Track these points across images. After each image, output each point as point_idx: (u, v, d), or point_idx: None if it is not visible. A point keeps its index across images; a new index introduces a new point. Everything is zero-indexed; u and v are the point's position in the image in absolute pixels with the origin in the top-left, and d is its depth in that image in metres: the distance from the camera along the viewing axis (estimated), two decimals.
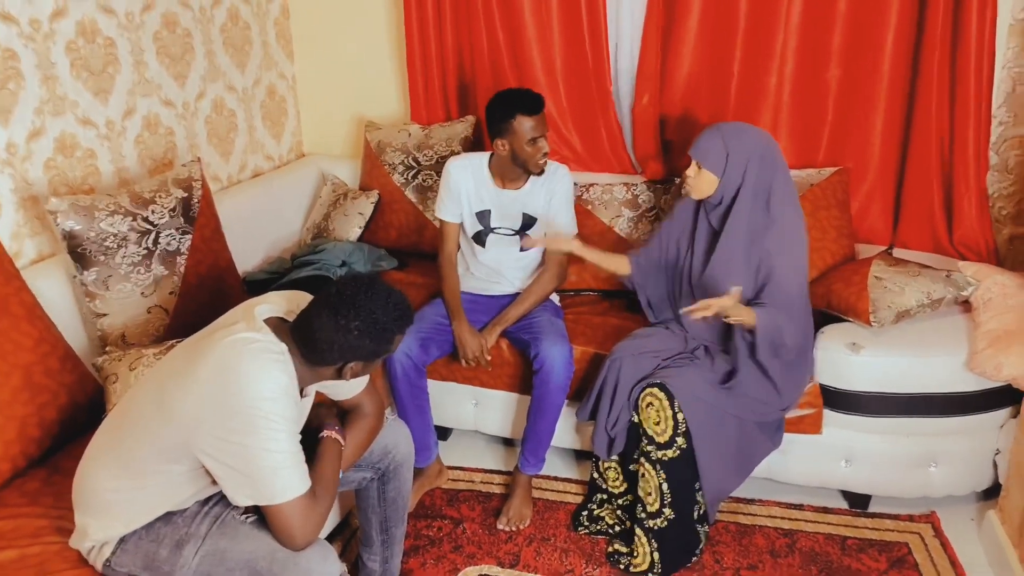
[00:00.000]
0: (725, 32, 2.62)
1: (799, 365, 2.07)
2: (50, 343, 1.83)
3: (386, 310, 1.41)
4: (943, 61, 2.40)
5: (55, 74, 2.14)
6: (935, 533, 2.16)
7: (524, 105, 2.18)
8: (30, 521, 1.61)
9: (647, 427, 1.98)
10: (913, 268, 2.24)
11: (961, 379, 2.07)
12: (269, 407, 1.33)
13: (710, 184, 2.03)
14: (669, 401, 1.95)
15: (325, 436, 1.54)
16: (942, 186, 2.52)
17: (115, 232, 2.01)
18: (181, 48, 2.61)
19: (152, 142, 2.51)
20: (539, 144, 2.20)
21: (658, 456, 1.97)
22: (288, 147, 3.28)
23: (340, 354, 1.41)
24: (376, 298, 1.40)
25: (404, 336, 1.52)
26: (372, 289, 1.41)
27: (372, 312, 1.39)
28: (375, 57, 3.15)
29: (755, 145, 2.01)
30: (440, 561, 2.11)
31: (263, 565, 1.40)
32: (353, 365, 1.44)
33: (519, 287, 2.41)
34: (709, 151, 2.01)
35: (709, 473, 1.98)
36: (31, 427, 1.74)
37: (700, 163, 2.02)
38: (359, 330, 1.39)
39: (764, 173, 2.00)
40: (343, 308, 1.38)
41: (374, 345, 1.42)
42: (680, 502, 1.98)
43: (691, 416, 1.95)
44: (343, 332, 1.39)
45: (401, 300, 1.46)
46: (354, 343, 1.40)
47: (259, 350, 1.36)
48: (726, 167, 1.99)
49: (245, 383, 1.33)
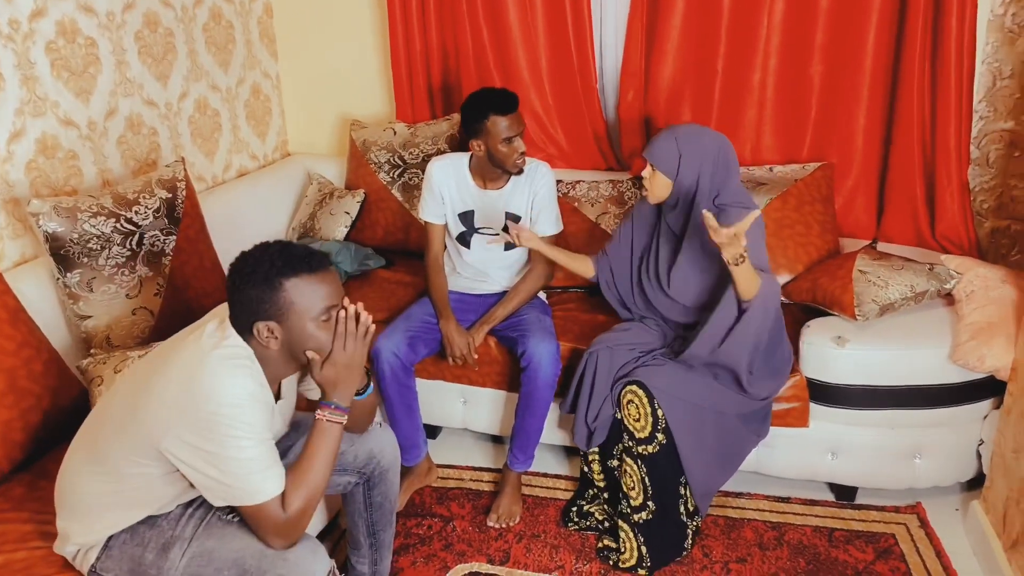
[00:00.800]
0: (709, 29, 2.63)
1: (772, 352, 2.08)
2: (34, 346, 1.82)
3: (266, 253, 1.38)
4: (924, 57, 2.42)
5: (35, 74, 2.12)
6: (921, 524, 2.18)
7: (497, 104, 2.17)
8: (15, 527, 1.60)
9: (628, 423, 2.00)
10: (897, 262, 2.26)
11: (945, 371, 2.09)
12: (233, 413, 1.32)
13: (664, 187, 2.05)
14: (648, 399, 1.96)
15: (317, 418, 1.45)
16: (924, 180, 2.54)
17: (98, 233, 1.99)
18: (163, 48, 2.59)
19: (135, 143, 2.49)
20: (515, 144, 2.19)
21: (639, 451, 1.99)
22: (273, 146, 3.26)
23: (244, 315, 1.38)
24: (258, 249, 1.40)
25: (308, 285, 1.38)
26: (257, 245, 1.41)
27: (250, 259, 1.38)
28: (360, 56, 3.14)
29: (708, 149, 2.02)
30: (430, 559, 2.11)
31: (251, 563, 1.39)
32: (262, 325, 1.37)
33: (506, 286, 2.41)
34: (662, 154, 2.02)
35: (693, 468, 2.00)
36: (15, 431, 1.73)
37: (654, 165, 2.03)
38: (240, 280, 1.37)
39: (717, 177, 2.02)
40: (229, 272, 1.40)
41: (260, 293, 1.36)
42: (662, 496, 1.99)
43: (670, 412, 1.96)
44: (231, 291, 1.39)
45: (290, 247, 1.40)
46: (239, 297, 1.38)
47: (223, 356, 1.35)
48: (679, 169, 2.01)
49: (208, 391, 1.32)
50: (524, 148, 2.21)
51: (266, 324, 1.38)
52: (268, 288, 1.36)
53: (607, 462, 2.14)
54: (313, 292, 1.38)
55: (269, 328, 1.38)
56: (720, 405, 2.03)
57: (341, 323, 1.42)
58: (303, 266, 1.38)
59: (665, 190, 2.05)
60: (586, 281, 2.61)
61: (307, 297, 1.38)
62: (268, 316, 1.38)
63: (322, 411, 1.44)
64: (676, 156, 2.01)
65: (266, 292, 1.36)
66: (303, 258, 1.39)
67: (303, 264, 1.38)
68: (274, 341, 1.39)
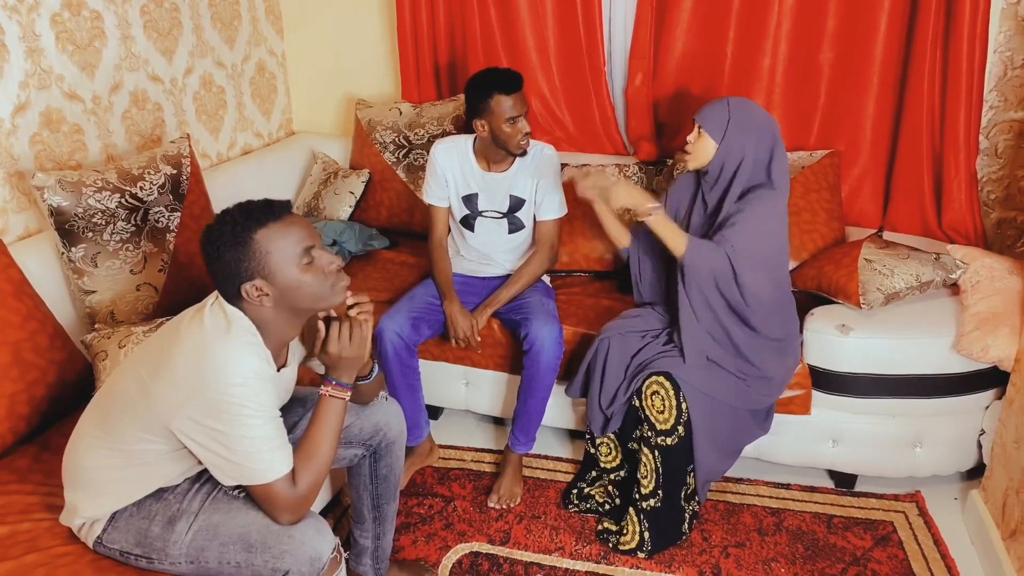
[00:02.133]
0: (719, 13, 2.61)
1: (785, 345, 2.08)
2: (39, 320, 1.81)
3: (225, 216, 1.37)
4: (935, 45, 2.40)
5: (40, 47, 2.11)
6: (919, 512, 2.19)
7: (501, 83, 2.15)
8: (20, 498, 1.60)
9: (650, 414, 1.98)
10: (903, 251, 2.25)
11: (948, 361, 2.09)
12: (241, 392, 1.32)
13: (707, 151, 1.99)
14: (675, 391, 1.95)
15: (320, 393, 1.46)
16: (932, 170, 2.53)
17: (103, 208, 1.99)
18: (169, 23, 2.56)
19: (140, 118, 2.48)
20: (518, 124, 2.17)
21: (657, 442, 1.98)
22: (278, 124, 3.24)
23: (227, 282, 1.37)
24: (216, 219, 1.38)
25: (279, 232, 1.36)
26: (215, 217, 1.40)
27: (211, 230, 1.37)
28: (366, 34, 3.12)
29: (760, 121, 1.99)
30: (431, 539, 2.12)
31: (256, 539, 1.40)
32: (249, 286, 1.36)
33: (510, 269, 2.41)
34: (712, 115, 1.98)
35: (704, 458, 2.00)
36: (20, 404, 1.73)
37: (701, 126, 1.99)
38: (211, 250, 1.35)
39: (762, 152, 1.97)
40: (201, 246, 1.39)
41: (233, 253, 1.35)
42: (671, 484, 2.00)
43: (694, 406, 1.96)
44: (208, 262, 1.37)
45: (245, 203, 1.39)
46: (218, 265, 1.36)
47: (228, 335, 1.35)
48: (725, 133, 1.96)
49: (215, 371, 1.32)
50: (528, 129, 2.19)
51: (252, 284, 1.36)
52: (240, 246, 1.34)
53: (627, 445, 2.13)
54: (285, 238, 1.37)
55: (256, 287, 1.36)
56: (742, 401, 2.03)
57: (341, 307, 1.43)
58: (267, 215, 1.37)
59: (708, 154, 1.99)
60: (594, 264, 2.61)
61: (281, 244, 1.36)
62: (251, 274, 1.36)
63: (325, 386, 1.46)
64: (725, 119, 1.96)
65: (239, 250, 1.35)
66: (264, 208, 1.37)
67: (266, 214, 1.37)
68: (266, 299, 1.38)
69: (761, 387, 2.05)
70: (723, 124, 1.97)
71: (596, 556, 2.06)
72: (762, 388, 2.05)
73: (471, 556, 2.06)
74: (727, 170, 1.99)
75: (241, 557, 1.40)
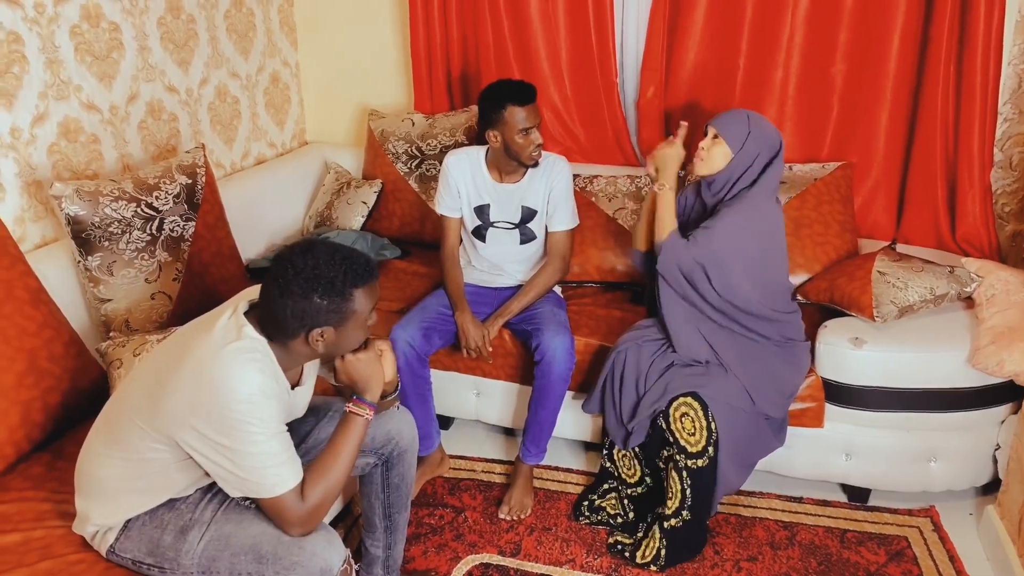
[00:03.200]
0: (731, 25, 2.62)
1: (788, 354, 2.08)
2: (54, 328, 1.83)
3: (331, 264, 1.36)
4: (949, 57, 2.40)
5: (59, 58, 2.13)
6: (934, 527, 2.17)
7: (515, 95, 2.16)
8: (34, 505, 1.61)
9: (680, 438, 1.95)
10: (917, 263, 2.24)
11: (963, 375, 2.08)
12: (245, 409, 1.32)
13: (722, 158, 2.01)
14: (703, 411, 1.94)
15: (346, 411, 1.49)
16: (946, 182, 2.52)
17: (119, 217, 2.01)
18: (185, 34, 2.59)
19: (155, 128, 2.50)
20: (531, 135, 2.18)
21: (686, 464, 1.95)
22: (291, 134, 3.27)
23: (297, 321, 1.36)
24: (317, 253, 1.37)
25: (369, 293, 1.41)
26: (312, 247, 1.38)
27: (315, 268, 1.35)
28: (379, 45, 3.14)
29: (771, 137, 2.03)
30: (441, 549, 2.11)
31: (267, 550, 1.40)
32: (320, 332, 1.38)
33: (521, 279, 2.41)
34: (732, 125, 2.00)
35: (725, 472, 1.98)
36: (35, 412, 1.74)
37: (720, 133, 2.01)
38: (302, 288, 1.34)
39: (762, 164, 2.01)
40: (282, 270, 1.36)
41: (327, 303, 1.36)
42: (698, 505, 1.98)
43: (722, 424, 1.94)
44: (287, 295, 1.35)
45: (352, 254, 1.40)
46: (303, 305, 1.35)
47: (235, 351, 1.35)
48: (744, 144, 1.99)
49: (220, 387, 1.32)
50: (541, 140, 2.20)
51: (322, 330, 1.38)
52: (338, 298, 1.37)
53: (655, 461, 2.10)
54: (370, 298, 1.42)
55: (323, 334, 1.39)
56: (767, 407, 2.01)
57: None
58: (370, 275, 1.41)
59: (722, 161, 2.01)
60: (605, 275, 2.61)
61: (366, 303, 1.41)
62: (327, 323, 1.38)
63: (349, 403, 1.49)
64: (745, 131, 1.99)
65: (335, 302, 1.37)
66: (368, 267, 1.41)
67: (370, 274, 1.41)
68: (322, 345, 1.41)
69: (770, 395, 2.04)
70: (743, 136, 1.99)
71: (607, 569, 2.05)
72: (771, 396, 2.04)
73: (481, 567, 2.05)
74: (732, 177, 2.03)
75: (252, 568, 1.41)
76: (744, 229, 1.98)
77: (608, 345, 2.29)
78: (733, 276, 1.98)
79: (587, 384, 2.32)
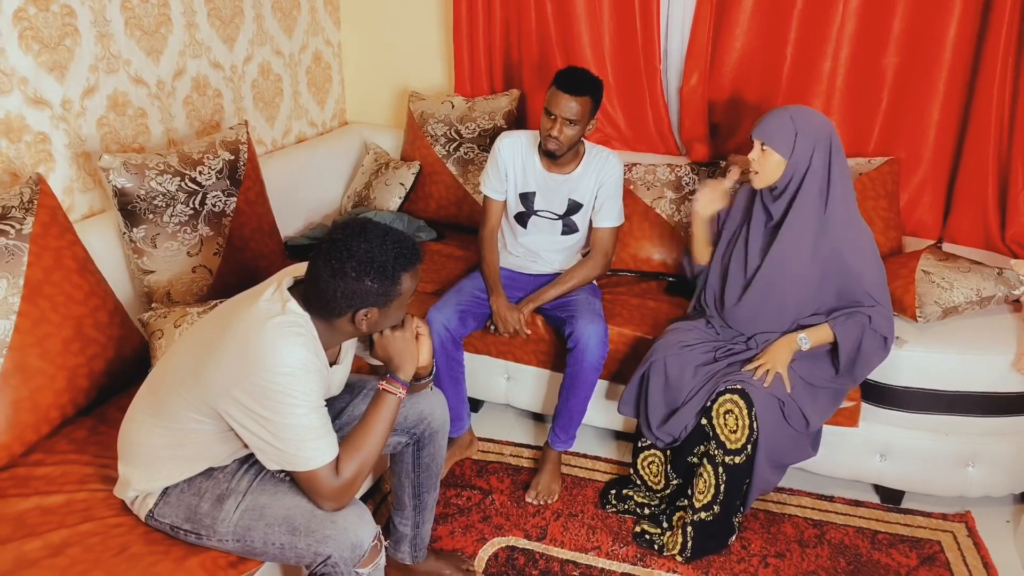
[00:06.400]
0: (780, 13, 2.56)
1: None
2: (100, 297, 1.87)
3: (383, 247, 1.38)
4: (1008, 52, 2.32)
5: (110, 32, 2.17)
6: (969, 533, 2.13)
7: (561, 79, 2.14)
8: (77, 468, 1.66)
9: (721, 433, 1.93)
10: (964, 264, 2.19)
11: (1006, 379, 2.03)
12: (287, 382, 1.34)
13: (777, 167, 1.93)
14: (748, 408, 1.91)
15: (379, 388, 1.51)
16: (997, 181, 2.45)
17: (164, 191, 2.04)
18: (231, 11, 2.62)
19: (200, 103, 2.54)
20: (552, 121, 2.14)
21: (723, 460, 1.93)
22: (332, 114, 3.29)
23: (346, 302, 1.38)
24: (370, 237, 1.39)
25: (414, 275, 1.44)
26: (365, 230, 1.40)
27: (368, 251, 1.37)
28: (421, 27, 3.14)
29: (822, 128, 1.93)
30: (468, 530, 2.13)
31: (301, 522, 1.43)
32: (365, 312, 1.41)
33: (558, 268, 2.40)
34: (776, 130, 1.91)
35: (761, 472, 1.96)
36: (80, 377, 1.79)
37: (766, 144, 1.92)
38: (356, 271, 1.36)
39: (824, 159, 1.92)
40: (335, 252, 1.37)
41: (377, 286, 1.38)
42: (730, 500, 1.97)
43: (764, 426, 1.91)
44: (340, 277, 1.37)
45: (401, 237, 1.41)
46: (354, 286, 1.37)
47: (279, 324, 1.37)
48: (794, 148, 1.90)
49: (263, 359, 1.34)
50: (560, 132, 2.14)
51: (367, 311, 1.42)
52: (388, 281, 1.39)
53: (687, 458, 2.05)
54: (414, 280, 1.46)
55: (367, 314, 1.42)
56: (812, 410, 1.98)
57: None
58: (417, 259, 1.44)
59: (777, 171, 1.94)
60: (641, 264, 2.58)
61: (411, 285, 1.45)
62: (374, 304, 1.41)
63: (382, 381, 1.51)
64: (792, 133, 1.90)
65: (385, 284, 1.39)
66: (415, 250, 1.44)
67: (417, 257, 1.44)
68: (366, 324, 1.44)
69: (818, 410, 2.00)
70: (791, 140, 1.90)
71: (632, 558, 2.05)
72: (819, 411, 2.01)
73: (507, 550, 2.07)
74: (794, 181, 1.95)
75: (285, 539, 1.43)
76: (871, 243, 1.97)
77: (641, 335, 2.27)
78: (887, 291, 1.99)
79: (620, 374, 2.31)
